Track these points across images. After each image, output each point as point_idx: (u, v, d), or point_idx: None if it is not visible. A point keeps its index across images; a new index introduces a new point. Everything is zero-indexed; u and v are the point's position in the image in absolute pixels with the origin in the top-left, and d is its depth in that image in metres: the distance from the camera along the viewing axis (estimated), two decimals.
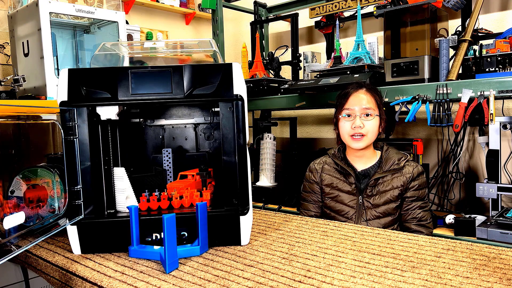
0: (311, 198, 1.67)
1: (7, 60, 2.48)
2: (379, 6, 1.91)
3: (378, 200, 1.52)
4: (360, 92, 1.56)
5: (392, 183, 1.52)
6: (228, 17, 3.35)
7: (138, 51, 1.69)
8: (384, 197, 1.51)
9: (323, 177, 1.63)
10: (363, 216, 1.53)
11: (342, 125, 1.56)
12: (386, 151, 1.60)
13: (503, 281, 0.84)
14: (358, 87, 1.58)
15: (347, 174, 1.58)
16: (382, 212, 1.51)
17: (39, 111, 1.23)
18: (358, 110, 1.52)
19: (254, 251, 1.05)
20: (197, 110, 1.38)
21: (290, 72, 2.60)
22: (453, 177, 2.19)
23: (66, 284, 0.97)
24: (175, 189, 1.20)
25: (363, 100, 1.53)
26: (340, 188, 1.58)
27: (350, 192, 1.56)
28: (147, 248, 1.02)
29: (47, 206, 1.13)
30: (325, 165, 1.65)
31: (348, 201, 1.56)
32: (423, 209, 1.53)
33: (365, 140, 1.52)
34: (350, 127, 1.53)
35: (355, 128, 1.51)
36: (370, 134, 1.52)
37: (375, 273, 0.89)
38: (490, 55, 1.67)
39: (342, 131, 1.57)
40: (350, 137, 1.54)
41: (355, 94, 1.56)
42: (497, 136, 1.75)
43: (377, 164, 1.57)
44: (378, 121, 1.54)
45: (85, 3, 2.09)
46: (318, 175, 1.65)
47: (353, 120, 1.53)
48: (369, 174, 1.56)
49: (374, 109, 1.53)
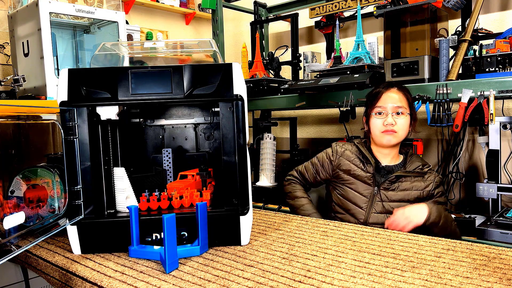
0: (316, 168, 1.70)
1: (7, 60, 2.48)
2: (379, 6, 1.92)
3: (394, 195, 1.53)
4: (392, 91, 1.58)
5: (413, 184, 1.54)
6: (228, 17, 3.35)
7: (138, 51, 1.69)
8: (401, 194, 1.53)
9: (341, 162, 1.64)
10: (375, 207, 1.54)
11: (374, 122, 1.57)
12: (410, 156, 1.63)
13: (503, 281, 0.84)
14: (389, 86, 1.60)
15: (367, 162, 1.59)
16: (394, 208, 1.51)
17: (39, 111, 1.23)
18: (390, 108, 1.54)
19: (254, 251, 1.05)
20: (197, 110, 1.38)
21: (290, 72, 2.60)
22: (453, 177, 2.19)
23: (66, 284, 0.97)
24: (175, 189, 1.20)
25: (395, 99, 1.55)
26: (357, 175, 1.59)
27: (366, 182, 1.57)
28: (147, 248, 1.02)
29: (47, 206, 1.13)
30: (346, 151, 1.66)
31: (362, 190, 1.57)
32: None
33: (396, 136, 1.54)
34: (381, 124, 1.55)
35: (387, 125, 1.53)
36: (401, 132, 1.54)
37: (375, 273, 0.89)
38: (490, 55, 1.67)
39: (373, 128, 1.58)
40: (381, 133, 1.55)
41: (387, 93, 1.57)
42: (497, 136, 1.75)
43: (401, 164, 1.60)
44: (409, 120, 1.56)
45: (85, 3, 2.09)
46: (337, 157, 1.66)
47: (385, 118, 1.54)
48: (392, 170, 1.58)
49: (406, 108, 1.55)
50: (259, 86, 2.40)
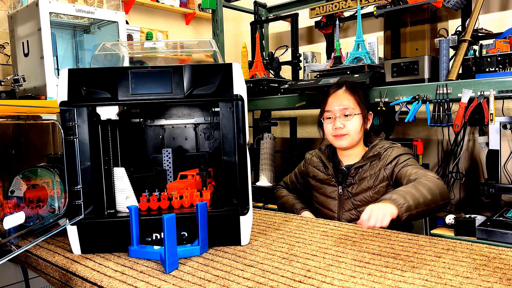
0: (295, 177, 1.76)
1: (7, 60, 2.48)
2: (379, 6, 1.91)
3: (357, 188, 1.52)
4: (339, 92, 1.58)
5: (369, 170, 1.51)
6: (228, 17, 3.35)
7: (138, 51, 1.69)
8: (361, 184, 1.51)
9: (309, 169, 1.68)
10: (344, 206, 1.54)
11: (325, 127, 1.59)
12: (374, 145, 1.56)
13: (503, 281, 0.84)
14: (337, 87, 1.60)
15: (325, 166, 1.61)
16: (361, 200, 1.50)
17: (39, 111, 1.23)
18: (337, 111, 1.54)
19: (254, 251, 1.05)
20: (197, 110, 1.38)
21: (290, 72, 2.60)
22: (453, 177, 2.19)
23: (66, 284, 0.97)
24: (175, 189, 1.20)
25: (342, 100, 1.54)
26: (321, 179, 1.62)
27: (330, 183, 1.59)
28: (147, 248, 1.02)
29: (47, 206, 1.13)
30: (313, 157, 1.70)
31: (329, 192, 1.59)
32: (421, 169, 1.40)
33: (347, 139, 1.53)
34: (331, 128, 1.55)
35: (336, 129, 1.53)
36: (353, 133, 1.53)
37: (375, 273, 0.89)
38: (490, 55, 1.67)
39: (326, 133, 1.60)
40: (333, 137, 1.56)
41: (334, 95, 1.58)
42: (497, 136, 1.75)
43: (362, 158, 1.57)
44: (359, 120, 1.53)
45: (85, 3, 2.09)
46: (306, 165, 1.71)
47: (334, 122, 1.54)
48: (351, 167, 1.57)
49: (354, 108, 1.53)
50: (259, 86, 2.40)
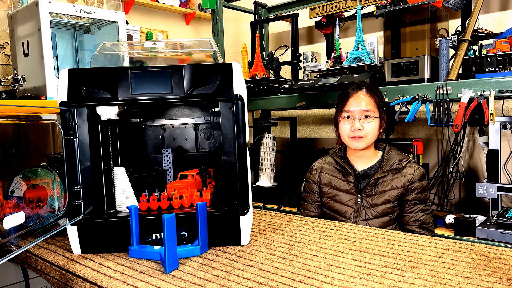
0: (310, 198, 1.67)
1: (7, 60, 2.48)
2: (379, 6, 1.91)
3: (377, 199, 1.52)
4: (359, 93, 1.56)
5: (392, 183, 1.52)
6: (228, 17, 3.35)
7: (138, 51, 1.69)
8: (383, 197, 1.51)
9: (321, 176, 1.63)
10: (361, 215, 1.53)
11: (342, 127, 1.56)
12: (388, 152, 1.59)
13: (503, 281, 0.84)
14: (357, 88, 1.57)
15: (346, 173, 1.58)
16: (380, 212, 1.51)
17: (39, 111, 1.23)
18: (357, 112, 1.52)
19: (254, 251, 1.05)
20: (197, 110, 1.38)
21: (290, 72, 2.61)
22: (453, 177, 2.19)
23: (66, 284, 0.97)
24: (175, 189, 1.20)
25: (363, 102, 1.53)
26: (339, 187, 1.58)
27: (349, 192, 1.56)
28: (147, 248, 1.02)
29: (47, 206, 1.13)
30: (324, 164, 1.65)
31: (346, 200, 1.56)
32: (425, 212, 1.52)
33: (365, 141, 1.52)
34: (349, 129, 1.53)
35: (355, 130, 1.52)
36: (370, 136, 1.52)
37: (375, 273, 0.89)
38: (490, 55, 1.67)
39: (342, 133, 1.57)
40: (349, 138, 1.54)
41: (355, 96, 1.55)
42: (497, 136, 1.75)
43: (377, 165, 1.57)
44: (377, 123, 1.54)
45: (85, 3, 2.09)
46: (317, 174, 1.65)
47: (353, 123, 1.53)
48: (369, 174, 1.56)
49: (374, 111, 1.53)
50: (259, 86, 2.40)
